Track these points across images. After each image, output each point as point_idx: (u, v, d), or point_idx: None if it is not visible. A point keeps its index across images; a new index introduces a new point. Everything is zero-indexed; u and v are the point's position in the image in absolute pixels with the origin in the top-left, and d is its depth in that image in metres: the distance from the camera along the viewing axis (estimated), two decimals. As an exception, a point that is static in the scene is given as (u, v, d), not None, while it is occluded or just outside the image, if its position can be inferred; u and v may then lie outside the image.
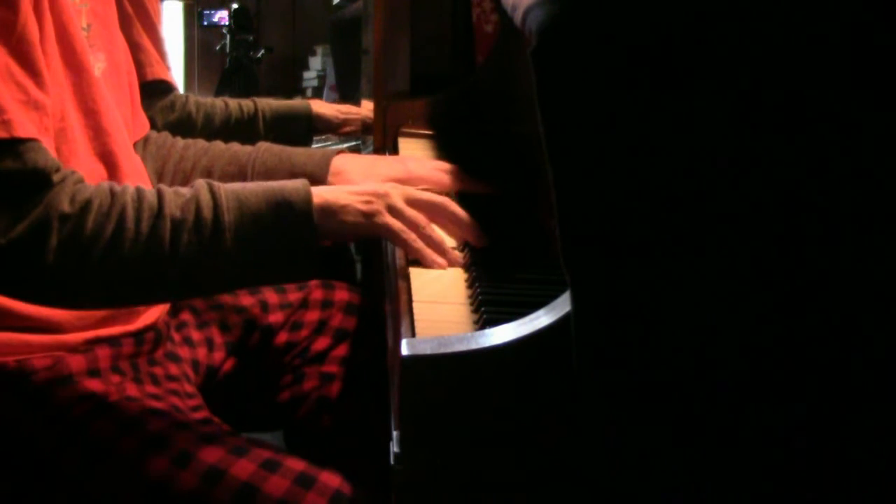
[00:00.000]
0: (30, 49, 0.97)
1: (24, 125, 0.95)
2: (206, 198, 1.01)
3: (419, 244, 1.08)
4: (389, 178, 1.31)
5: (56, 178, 0.96)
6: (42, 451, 1.02)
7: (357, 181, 1.30)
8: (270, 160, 1.33)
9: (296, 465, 1.01)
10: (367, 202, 1.07)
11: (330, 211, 1.05)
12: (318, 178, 1.31)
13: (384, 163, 1.39)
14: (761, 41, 0.69)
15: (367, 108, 1.90)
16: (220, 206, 1.00)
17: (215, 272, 1.02)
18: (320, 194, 1.05)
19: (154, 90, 1.66)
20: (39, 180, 0.95)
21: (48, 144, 0.99)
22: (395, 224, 1.08)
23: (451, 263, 1.10)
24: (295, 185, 1.05)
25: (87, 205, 0.96)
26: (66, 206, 0.95)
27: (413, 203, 1.11)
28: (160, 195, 1.00)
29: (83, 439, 1.02)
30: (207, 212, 1.00)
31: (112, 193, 0.99)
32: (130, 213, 0.97)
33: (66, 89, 1.05)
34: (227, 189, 1.03)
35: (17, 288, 0.99)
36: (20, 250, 0.93)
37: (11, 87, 0.95)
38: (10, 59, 0.95)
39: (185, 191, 1.02)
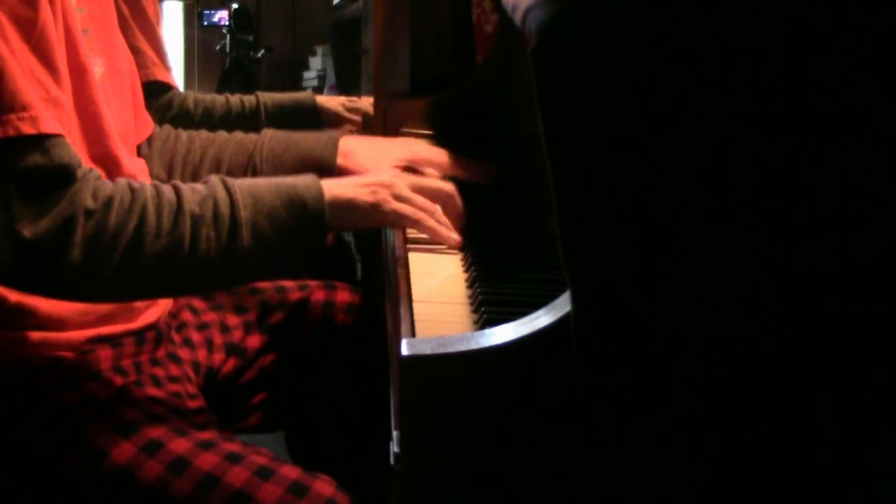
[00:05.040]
0: (49, 46, 0.98)
1: (48, 121, 0.96)
2: (222, 194, 1.03)
3: (431, 223, 1.11)
4: (396, 159, 1.33)
5: (79, 173, 0.98)
6: (42, 453, 1.02)
7: (365, 163, 1.30)
8: (277, 146, 1.33)
9: (290, 472, 1.01)
10: (374, 192, 1.09)
11: (340, 205, 1.07)
12: (327, 162, 1.31)
13: (390, 144, 1.39)
14: (762, 40, 0.69)
15: (367, 103, 1.89)
16: (237, 202, 1.02)
17: (230, 266, 1.03)
18: (329, 189, 1.07)
19: (151, 91, 1.66)
20: (64, 175, 0.96)
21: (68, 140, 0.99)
22: (405, 209, 1.10)
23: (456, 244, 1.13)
24: (306, 181, 1.07)
25: (109, 201, 0.98)
26: (89, 202, 0.96)
27: (418, 190, 1.12)
28: (178, 191, 1.02)
29: (82, 442, 1.02)
30: (225, 208, 1.02)
31: (132, 189, 1.00)
32: (151, 209, 0.99)
33: (69, 91, 1.06)
34: (241, 185, 1.05)
35: (38, 282, 1.00)
36: (45, 245, 0.94)
37: (35, 85, 0.96)
38: (32, 56, 0.97)
39: (201, 187, 1.04)
